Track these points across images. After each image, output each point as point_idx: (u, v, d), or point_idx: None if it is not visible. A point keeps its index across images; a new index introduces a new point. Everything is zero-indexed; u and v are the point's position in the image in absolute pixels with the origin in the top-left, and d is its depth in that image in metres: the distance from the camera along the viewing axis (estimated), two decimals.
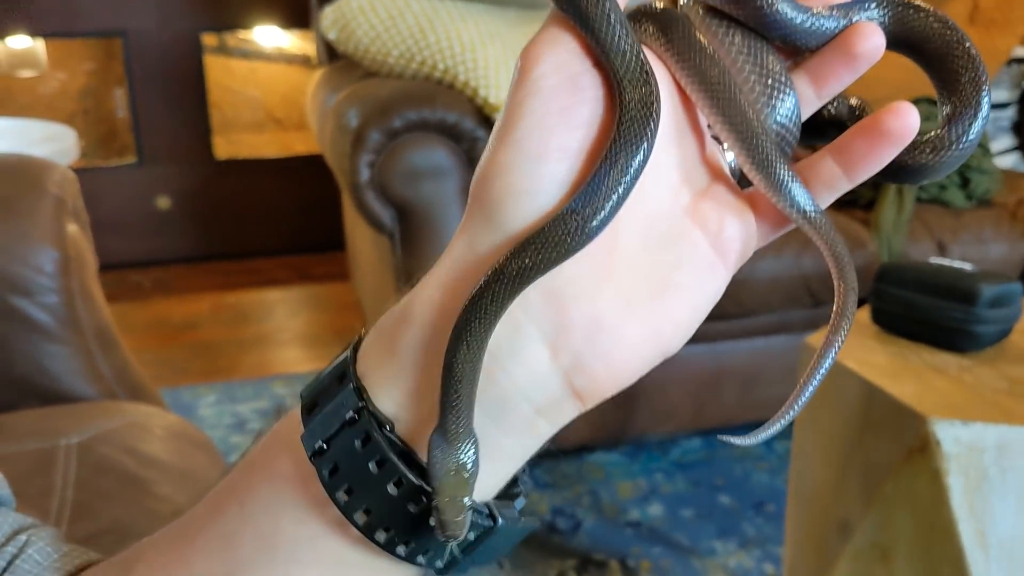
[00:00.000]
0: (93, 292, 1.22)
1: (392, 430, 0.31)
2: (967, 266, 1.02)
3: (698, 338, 1.40)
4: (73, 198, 1.27)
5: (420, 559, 0.31)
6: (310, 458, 0.31)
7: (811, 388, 0.35)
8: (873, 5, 0.35)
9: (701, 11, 0.35)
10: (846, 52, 0.33)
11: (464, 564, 0.33)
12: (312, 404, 0.32)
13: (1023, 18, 2.32)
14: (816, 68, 0.34)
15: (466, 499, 0.30)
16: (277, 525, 0.32)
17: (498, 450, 0.32)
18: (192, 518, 0.35)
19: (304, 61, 3.59)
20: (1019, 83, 2.33)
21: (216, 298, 3.22)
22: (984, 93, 0.35)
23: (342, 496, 0.31)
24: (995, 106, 2.32)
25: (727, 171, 0.36)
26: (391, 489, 0.30)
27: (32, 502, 0.93)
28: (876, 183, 1.96)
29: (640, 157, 0.30)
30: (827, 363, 0.35)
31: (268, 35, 3.54)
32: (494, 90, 1.70)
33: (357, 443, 0.30)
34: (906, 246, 1.83)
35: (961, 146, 0.35)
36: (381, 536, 0.31)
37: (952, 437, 0.86)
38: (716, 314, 1.39)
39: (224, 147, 3.64)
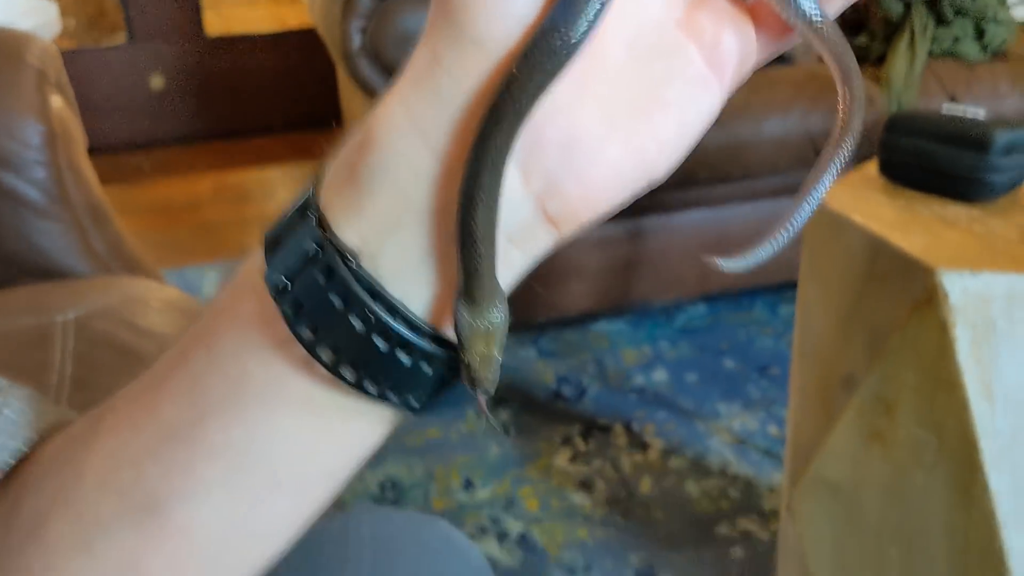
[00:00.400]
0: (82, 167, 1.19)
1: (357, 262, 0.28)
2: (980, 113, 0.99)
3: (702, 202, 1.38)
4: (56, 71, 1.22)
5: (391, 397, 0.30)
6: (273, 296, 0.29)
7: (810, 206, 0.33)
8: None
9: None
10: None
11: (438, 402, 0.31)
12: (275, 241, 0.30)
13: None
14: None
15: (497, 355, 0.29)
16: (244, 367, 0.31)
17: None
18: (161, 366, 0.34)
19: None
20: None
21: (217, 178, 3.19)
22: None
23: (307, 333, 0.29)
24: None
25: None
26: (356, 324, 0.28)
27: (30, 377, 0.92)
28: (888, 36, 1.89)
29: None
30: (828, 180, 0.32)
31: None
32: None
33: (320, 278, 0.28)
34: (918, 102, 1.78)
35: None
36: (348, 373, 0.29)
37: (960, 288, 0.84)
38: (720, 176, 1.35)
39: (216, 22, 3.54)
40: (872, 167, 1.05)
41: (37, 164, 1.09)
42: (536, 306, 1.85)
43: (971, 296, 0.84)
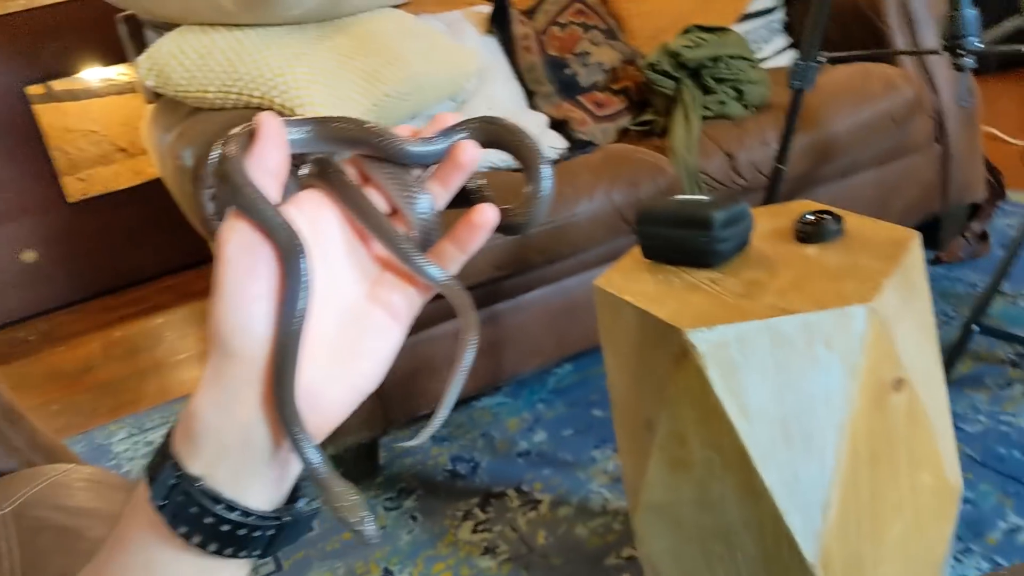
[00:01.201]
0: None
1: (201, 483, 0.48)
2: (704, 197, 1.27)
3: (543, 280, 1.67)
4: None
5: (242, 554, 0.50)
6: (156, 511, 0.49)
7: (453, 394, 0.55)
8: (466, 126, 0.56)
9: (362, 158, 0.56)
10: (456, 162, 0.54)
11: (276, 550, 0.52)
12: (151, 476, 0.50)
13: None
14: (441, 175, 0.55)
15: (357, 497, 0.50)
16: (149, 557, 0.50)
17: (268, 480, 0.50)
18: (96, 562, 0.53)
19: (133, 89, 3.64)
20: None
21: (104, 336, 3.32)
22: (541, 163, 0.55)
23: (182, 529, 0.48)
24: (763, 12, 2.59)
25: (392, 261, 0.56)
26: (208, 520, 0.48)
27: None
28: (667, 110, 2.21)
29: (303, 287, 0.48)
30: (460, 378, 0.56)
31: (93, 73, 3.58)
32: (309, 107, 1.87)
33: (181, 497, 0.48)
34: (701, 163, 2.09)
35: (536, 204, 0.55)
36: (213, 547, 0.49)
37: (703, 340, 1.10)
38: (552, 256, 1.65)
39: (77, 187, 3.68)
40: (638, 251, 1.32)
41: None
42: (419, 400, 2.07)
43: (712, 345, 1.10)
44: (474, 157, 0.54)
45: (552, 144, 2.22)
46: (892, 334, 1.12)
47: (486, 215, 0.53)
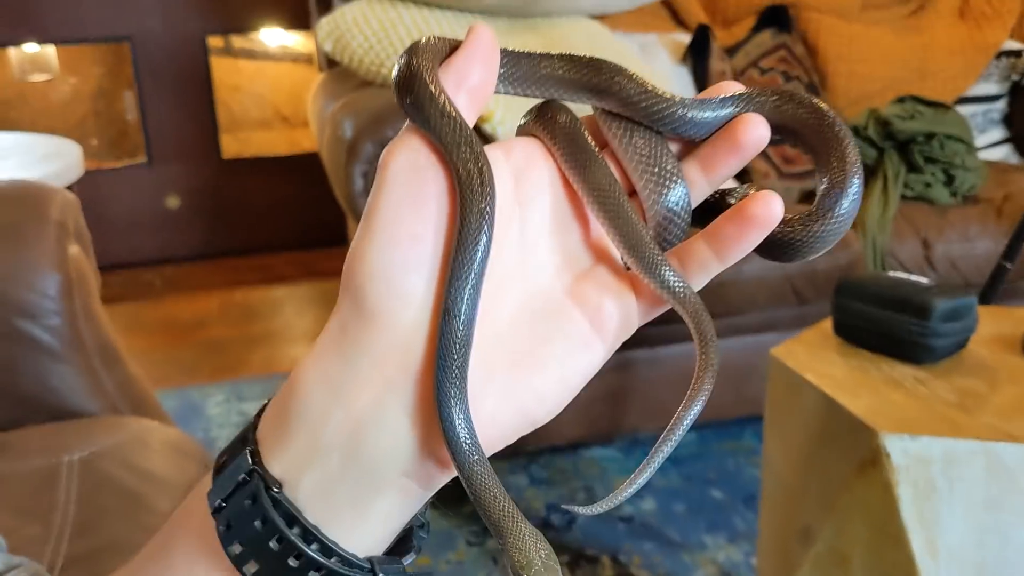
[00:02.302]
0: (95, 311, 1.28)
1: (279, 491, 0.35)
2: (924, 280, 1.07)
3: (683, 337, 1.44)
4: (75, 221, 1.32)
5: None
6: (212, 514, 0.35)
7: (660, 458, 0.39)
8: (752, 99, 0.40)
9: (601, 113, 0.40)
10: (733, 141, 0.38)
11: None
12: (221, 465, 0.37)
13: (1012, 11, 2.34)
14: (706, 156, 0.38)
15: (553, 562, 0.35)
16: (191, 570, 0.36)
17: (375, 512, 0.35)
18: (136, 561, 0.39)
19: (309, 60, 3.64)
20: (1008, 75, 2.35)
21: (225, 295, 3.29)
22: (853, 171, 0.38)
23: (235, 549, 0.35)
24: (984, 99, 2.35)
25: (612, 254, 0.41)
26: (273, 545, 0.34)
27: (39, 518, 0.99)
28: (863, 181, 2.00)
29: (482, 243, 0.34)
30: (680, 432, 0.39)
31: (273, 36, 3.59)
32: None
33: (247, 502, 0.34)
34: (891, 244, 1.87)
35: (831, 221, 0.38)
36: None
37: (901, 450, 0.90)
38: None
39: (232, 145, 3.69)
40: (827, 325, 1.13)
41: (53, 312, 1.17)
42: (528, 434, 1.91)
43: (911, 458, 0.90)
44: (760, 138, 0.38)
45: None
46: None
47: (770, 206, 0.36)
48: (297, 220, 3.64)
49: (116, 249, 3.51)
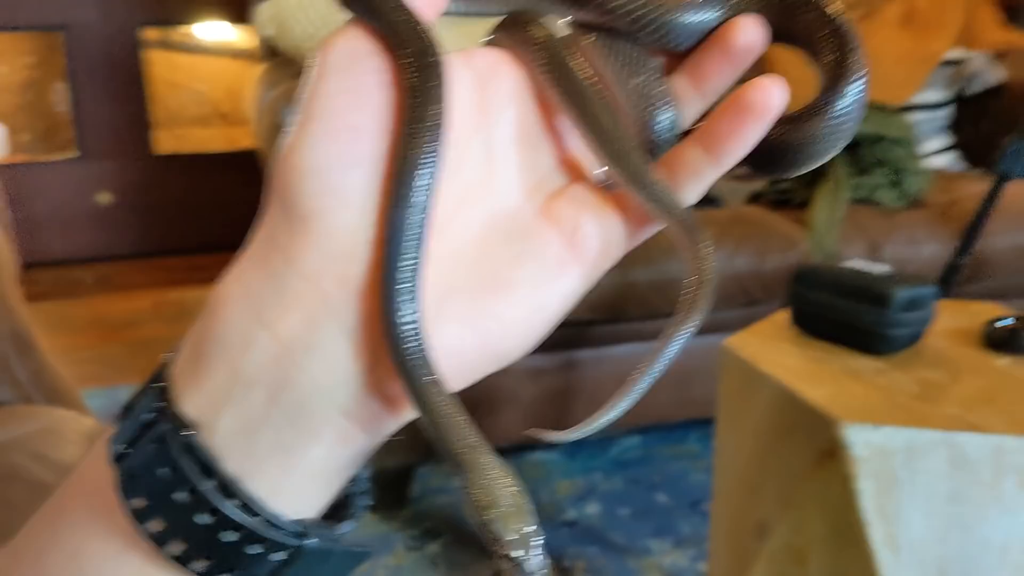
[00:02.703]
0: (9, 296, 1.19)
1: (192, 435, 0.29)
2: (883, 268, 1.04)
3: (633, 336, 1.40)
4: None
5: None
6: (111, 462, 0.29)
7: (640, 386, 0.34)
8: None
9: (575, 28, 0.35)
10: (724, 47, 0.33)
11: None
12: (127, 409, 0.31)
13: (956, 20, 2.36)
14: (695, 67, 0.34)
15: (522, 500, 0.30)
16: (84, 538, 0.30)
17: (308, 461, 0.30)
18: (20, 536, 0.33)
19: (249, 56, 3.54)
20: (952, 84, 2.37)
21: (158, 295, 3.18)
22: (858, 67, 0.33)
23: (138, 502, 0.29)
24: (929, 106, 2.36)
25: (590, 172, 0.35)
26: (182, 497, 0.28)
27: None
28: (811, 182, 1.98)
29: (438, 122, 0.29)
30: (663, 359, 0.34)
31: (212, 30, 3.50)
32: None
33: (152, 446, 0.29)
34: (840, 246, 1.85)
35: (832, 117, 0.33)
36: (176, 548, 0.29)
37: (863, 441, 0.87)
38: (648, 313, 1.38)
39: (169, 141, 3.59)
40: (783, 316, 1.09)
41: None
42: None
43: (873, 449, 0.87)
44: (753, 42, 0.33)
45: None
46: None
47: (769, 92, 0.31)
48: (233, 219, 3.51)
49: (46, 245, 3.38)
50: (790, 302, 1.07)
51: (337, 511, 0.33)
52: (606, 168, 0.34)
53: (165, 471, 0.28)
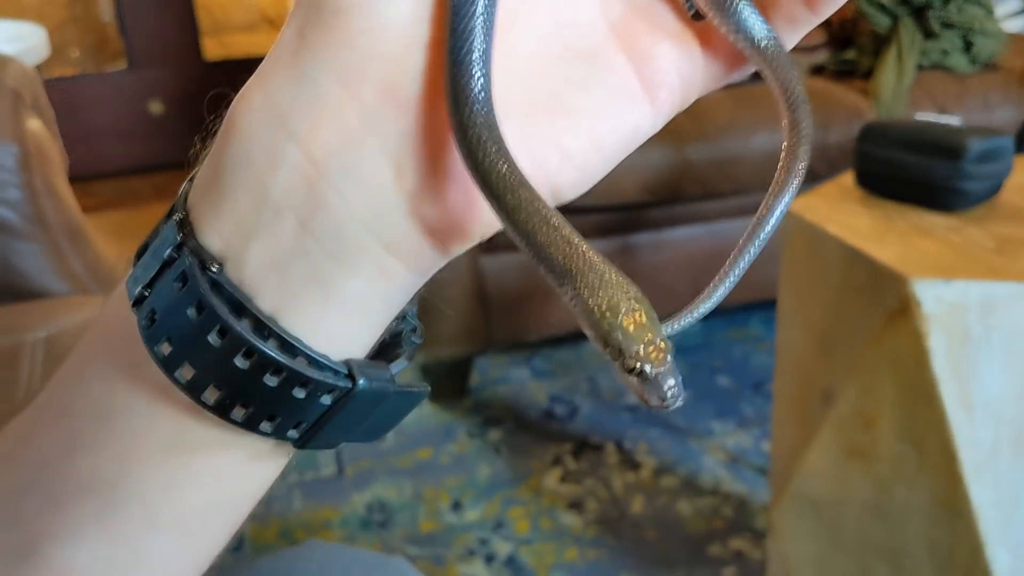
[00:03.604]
0: (59, 188, 1.19)
1: (219, 269, 0.26)
2: (955, 121, 0.97)
3: (692, 218, 1.36)
4: (33, 93, 1.23)
5: (265, 427, 0.27)
6: (132, 306, 0.27)
7: (748, 256, 0.30)
8: None
9: None
10: None
11: (327, 436, 0.28)
12: (144, 247, 0.28)
13: None
14: None
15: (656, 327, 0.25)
16: (111, 390, 0.28)
17: (348, 297, 0.27)
18: (44, 391, 0.30)
19: None
20: None
21: None
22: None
23: (163, 349, 0.26)
24: None
25: None
26: (213, 339, 0.25)
27: (1, 396, 0.92)
28: (876, 49, 1.88)
29: None
30: (768, 227, 0.30)
31: None
32: None
33: (176, 285, 0.26)
34: (907, 114, 1.77)
35: None
36: (211, 396, 0.26)
37: (933, 296, 0.83)
38: (709, 192, 1.34)
39: (216, 49, 3.56)
40: (848, 178, 1.04)
41: (11, 186, 1.08)
42: (528, 325, 1.84)
43: (945, 304, 0.82)
44: None
45: None
46: None
47: None
48: None
49: (103, 157, 3.41)
50: (856, 162, 1.01)
51: (386, 351, 0.30)
52: None
53: (191, 312, 0.25)
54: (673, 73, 0.28)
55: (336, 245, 0.26)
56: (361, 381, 0.27)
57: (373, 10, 0.24)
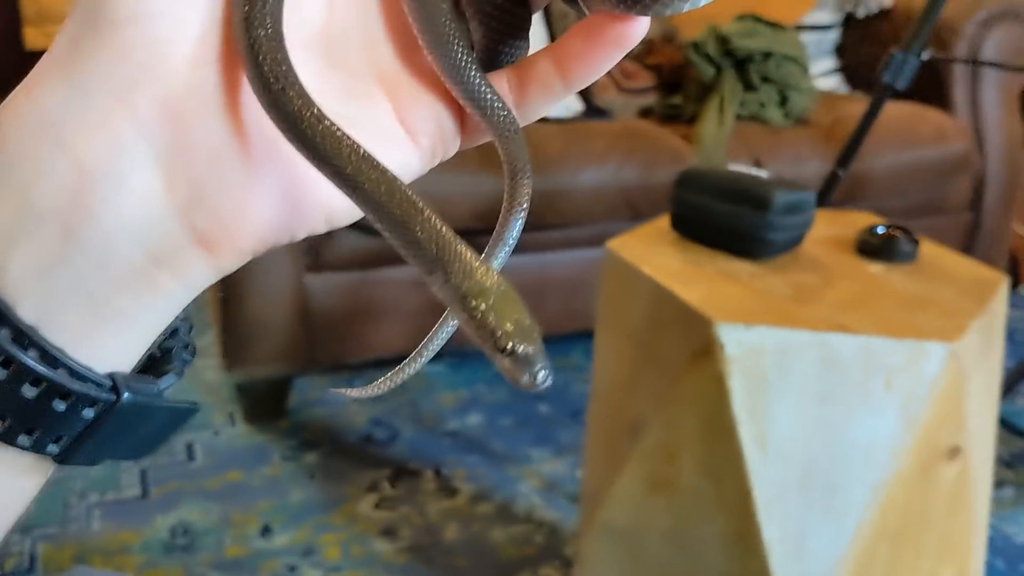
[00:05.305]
0: None
1: None
2: (763, 173, 1.03)
3: (521, 248, 1.36)
4: None
5: (23, 440, 0.26)
6: None
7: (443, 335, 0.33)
8: None
9: None
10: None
11: (90, 452, 0.27)
12: None
13: None
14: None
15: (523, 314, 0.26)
16: None
17: (114, 309, 0.26)
18: None
19: None
20: (842, 6, 2.38)
21: None
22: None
23: None
24: (818, 28, 2.37)
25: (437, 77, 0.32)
26: None
27: None
28: (700, 97, 1.97)
29: None
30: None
31: None
32: None
33: None
34: (725, 162, 1.86)
35: None
36: None
37: (735, 340, 0.87)
38: (538, 224, 1.35)
39: (39, 39, 3.35)
40: (666, 220, 1.08)
41: None
42: (350, 346, 1.82)
43: (745, 348, 0.87)
44: None
45: (567, 103, 1.97)
46: (965, 388, 0.89)
47: (631, 23, 0.27)
48: None
49: None
50: (673, 206, 1.06)
51: (156, 366, 0.30)
52: (436, 70, 0.30)
53: None
54: (430, 123, 0.30)
55: (102, 256, 0.25)
56: (125, 395, 0.26)
57: (153, 24, 0.24)
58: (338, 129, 0.25)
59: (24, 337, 0.25)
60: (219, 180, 0.26)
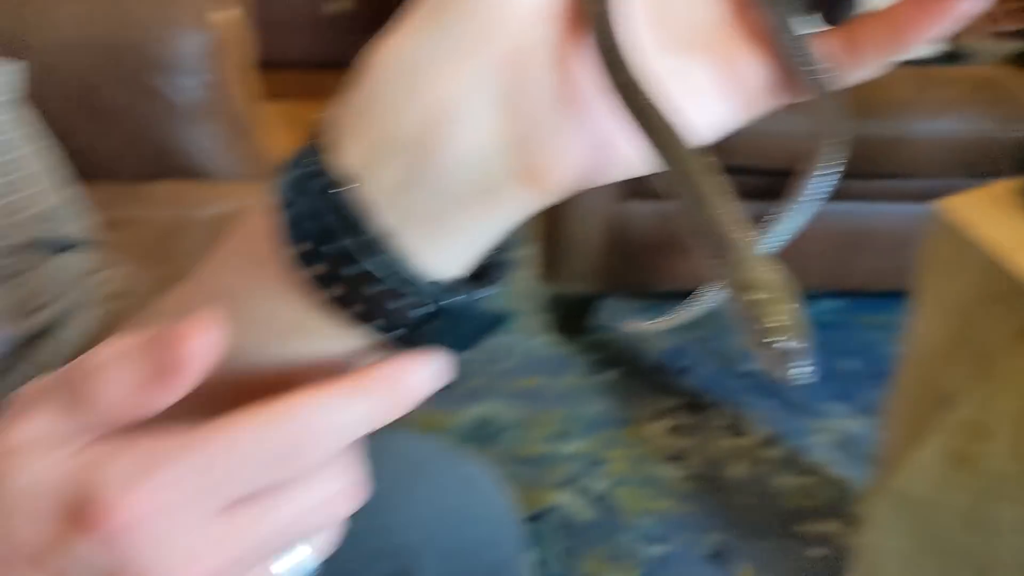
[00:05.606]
0: (238, 77, 1.26)
1: (344, 190, 0.29)
2: None
3: (840, 195, 1.32)
4: None
5: (375, 323, 0.30)
6: (279, 208, 0.30)
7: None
8: None
9: None
10: None
11: (412, 341, 0.31)
12: (292, 158, 0.31)
13: None
14: None
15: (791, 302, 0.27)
16: (242, 280, 0.32)
17: (453, 228, 0.30)
18: (196, 270, 0.34)
19: None
20: None
21: None
22: None
23: (301, 246, 0.29)
24: None
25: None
26: (332, 249, 0.29)
27: (162, 262, 1.00)
28: None
29: None
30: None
31: None
32: None
33: (306, 200, 0.29)
34: None
35: None
36: (332, 290, 0.30)
37: None
38: (866, 170, 1.30)
39: None
40: (1008, 185, 1.00)
41: (193, 71, 1.16)
42: (658, 274, 1.85)
43: None
44: None
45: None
46: None
47: None
48: None
49: (292, 47, 3.50)
50: (1021, 170, 0.97)
51: (483, 275, 0.33)
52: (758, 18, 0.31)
53: (326, 222, 0.29)
54: (748, 79, 0.31)
55: (447, 181, 0.29)
56: (450, 300, 0.30)
57: None
58: (658, 103, 0.27)
59: (375, 243, 0.29)
60: (546, 124, 0.29)
